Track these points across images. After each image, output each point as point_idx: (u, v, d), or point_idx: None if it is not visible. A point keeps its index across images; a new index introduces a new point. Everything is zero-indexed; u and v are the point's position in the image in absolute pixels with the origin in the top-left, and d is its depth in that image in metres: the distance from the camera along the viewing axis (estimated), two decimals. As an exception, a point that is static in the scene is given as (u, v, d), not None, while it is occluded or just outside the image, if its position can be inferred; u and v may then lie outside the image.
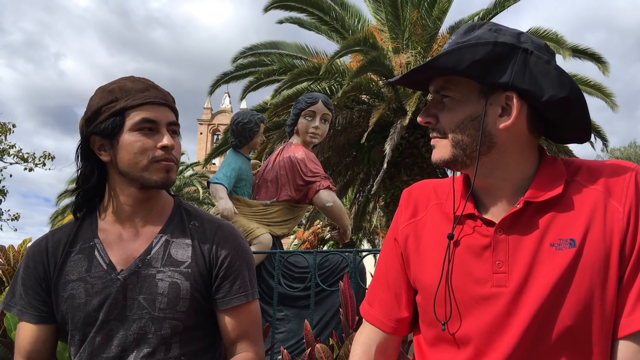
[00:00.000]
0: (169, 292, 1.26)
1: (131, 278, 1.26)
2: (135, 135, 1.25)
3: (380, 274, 1.17)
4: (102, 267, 1.27)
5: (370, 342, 1.14)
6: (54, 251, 1.31)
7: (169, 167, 1.28)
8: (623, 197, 0.93)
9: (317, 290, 2.92)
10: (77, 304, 1.25)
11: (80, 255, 1.30)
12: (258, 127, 3.50)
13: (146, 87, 1.28)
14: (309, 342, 1.65)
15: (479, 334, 0.95)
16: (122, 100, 1.25)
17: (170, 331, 1.26)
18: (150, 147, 1.25)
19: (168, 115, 1.29)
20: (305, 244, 20.27)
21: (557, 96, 0.92)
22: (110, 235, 1.32)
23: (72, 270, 1.28)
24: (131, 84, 1.28)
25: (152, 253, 1.29)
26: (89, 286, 1.26)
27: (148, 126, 1.26)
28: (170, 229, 1.34)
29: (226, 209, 3.10)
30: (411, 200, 1.15)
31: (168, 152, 1.27)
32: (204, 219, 1.39)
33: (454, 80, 0.99)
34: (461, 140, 0.98)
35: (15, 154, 15.46)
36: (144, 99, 1.26)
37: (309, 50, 10.86)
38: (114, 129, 1.25)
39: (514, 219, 0.97)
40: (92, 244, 1.31)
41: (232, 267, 1.33)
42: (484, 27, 0.99)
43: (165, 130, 1.27)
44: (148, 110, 1.26)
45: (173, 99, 1.35)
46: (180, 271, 1.28)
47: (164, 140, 1.26)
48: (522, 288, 0.93)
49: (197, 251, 1.31)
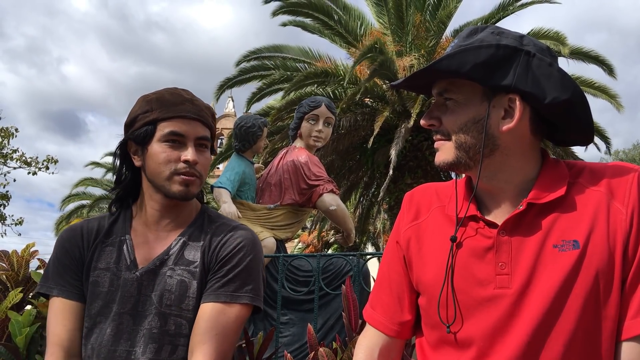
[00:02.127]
0: (176, 289, 1.30)
1: (147, 275, 1.31)
2: (162, 146, 1.30)
3: (382, 277, 1.17)
4: (127, 262, 1.33)
5: (374, 345, 1.14)
6: (88, 237, 1.38)
7: (189, 181, 1.31)
8: (626, 198, 0.93)
9: (321, 294, 2.91)
10: (99, 291, 1.31)
11: (111, 248, 1.36)
12: (261, 131, 3.51)
13: (182, 101, 1.33)
14: (313, 346, 1.65)
15: (482, 336, 0.95)
16: (156, 112, 1.31)
17: (175, 328, 1.28)
18: (174, 160, 1.30)
19: (198, 130, 1.33)
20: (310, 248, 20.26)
21: (560, 98, 0.92)
22: (139, 236, 1.38)
23: (101, 259, 1.35)
24: (169, 96, 1.33)
25: (169, 254, 1.34)
26: (115, 277, 1.31)
27: (175, 139, 1.30)
28: (189, 232, 1.38)
29: (230, 213, 3.11)
30: (413, 203, 1.15)
31: (190, 166, 1.31)
32: (222, 222, 1.42)
33: (457, 83, 0.99)
34: (464, 143, 0.98)
35: (19, 158, 15.51)
36: (175, 113, 1.31)
37: (312, 53, 10.87)
38: (145, 138, 1.31)
39: (516, 220, 0.96)
40: (123, 239, 1.37)
41: (227, 265, 1.32)
42: (487, 30, 1.00)
43: (192, 145, 1.32)
44: (178, 123, 1.31)
45: (211, 114, 1.39)
46: (189, 270, 1.32)
47: (188, 154, 1.30)
48: (525, 290, 0.93)
49: (205, 251, 1.34)
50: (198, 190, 1.36)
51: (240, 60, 10.88)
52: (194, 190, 1.34)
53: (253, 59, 10.98)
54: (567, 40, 9.19)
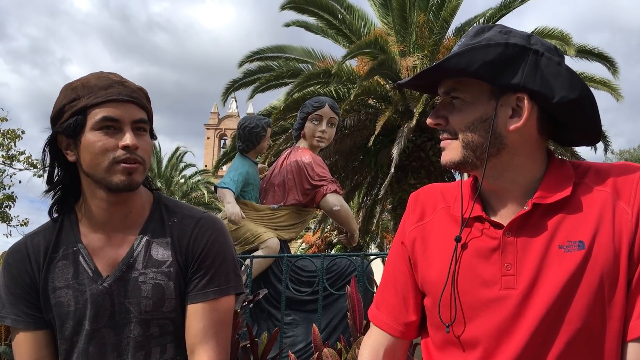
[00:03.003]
0: (153, 294, 1.23)
1: (116, 284, 1.23)
2: (96, 135, 1.17)
3: (388, 277, 1.17)
4: (88, 274, 1.24)
5: (379, 346, 1.14)
6: (35, 257, 1.26)
7: (131, 169, 1.19)
8: (631, 198, 0.92)
9: (325, 295, 2.91)
10: (66, 311, 1.22)
11: (65, 262, 1.25)
12: (265, 132, 3.52)
13: (110, 84, 1.20)
14: (317, 347, 1.64)
15: (487, 336, 0.95)
16: (84, 99, 1.18)
17: (159, 330, 1.24)
18: (112, 147, 1.17)
19: (134, 113, 1.20)
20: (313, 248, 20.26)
21: (568, 97, 0.92)
22: (93, 240, 1.27)
23: (57, 277, 1.24)
24: (95, 80, 1.21)
25: (134, 256, 1.25)
26: (78, 293, 1.22)
27: (110, 124, 1.18)
28: (150, 228, 1.29)
29: (233, 214, 3.11)
30: (418, 204, 1.15)
31: (131, 152, 1.18)
32: (184, 214, 1.33)
33: (464, 82, 0.98)
34: (471, 142, 0.98)
35: (25, 160, 15.57)
36: (105, 97, 1.18)
37: (315, 54, 10.89)
38: (76, 128, 1.18)
39: (522, 221, 0.96)
40: (75, 249, 1.26)
41: (205, 262, 1.27)
42: (494, 29, 0.99)
43: (129, 129, 1.19)
44: (110, 108, 1.18)
45: (144, 94, 1.26)
46: (162, 271, 1.25)
47: (127, 139, 1.17)
48: (530, 290, 0.92)
49: (176, 248, 1.27)
50: (142, 177, 1.23)
51: (244, 61, 10.91)
52: (137, 179, 1.21)
53: (256, 59, 11.00)
54: (572, 40, 9.18)
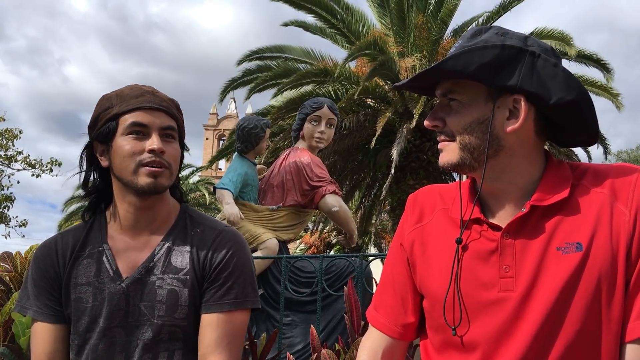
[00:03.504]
0: (167, 299, 1.26)
1: (134, 285, 1.27)
2: (125, 139, 1.25)
3: (386, 279, 1.17)
4: (109, 273, 1.28)
5: (377, 347, 1.14)
6: (63, 253, 1.32)
7: (157, 172, 1.25)
8: (629, 200, 0.92)
9: (324, 295, 2.91)
10: (83, 307, 1.26)
11: (89, 260, 1.31)
12: (264, 132, 3.52)
13: (142, 93, 1.29)
14: (315, 348, 1.65)
15: (486, 339, 0.95)
16: (116, 106, 1.27)
17: (169, 336, 1.26)
18: (139, 151, 1.25)
19: (162, 120, 1.28)
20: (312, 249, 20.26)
21: (565, 99, 0.92)
22: (118, 243, 1.32)
23: (80, 274, 1.29)
24: (128, 90, 1.30)
25: (154, 260, 1.30)
26: (97, 291, 1.27)
27: (139, 129, 1.26)
28: (173, 236, 1.34)
29: (232, 214, 3.11)
30: (417, 206, 1.15)
31: (157, 156, 1.25)
32: (206, 225, 1.38)
33: (461, 84, 0.98)
34: (469, 143, 0.98)
35: (23, 160, 15.55)
36: (136, 104, 1.27)
37: (314, 54, 10.89)
38: (109, 134, 1.27)
39: (520, 223, 0.96)
40: (101, 249, 1.32)
41: (223, 273, 1.30)
42: (491, 30, 0.99)
43: (157, 135, 1.26)
44: (139, 114, 1.26)
45: (175, 105, 1.34)
46: (178, 278, 1.28)
47: (153, 143, 1.24)
48: (529, 292, 0.92)
49: (194, 257, 1.31)
50: (169, 183, 1.29)
51: (242, 60, 10.91)
52: (163, 182, 1.27)
53: (255, 58, 11.00)
54: (572, 41, 9.17)
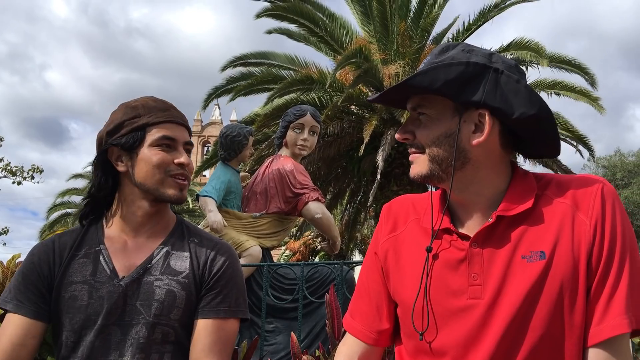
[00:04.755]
0: (165, 298, 1.31)
1: (132, 285, 1.31)
2: (153, 150, 1.33)
3: (361, 287, 1.20)
4: (106, 272, 1.32)
5: (353, 353, 1.17)
6: (60, 252, 1.36)
7: (182, 185, 1.36)
8: (590, 210, 0.97)
9: (307, 302, 2.93)
10: (78, 305, 1.29)
11: (85, 259, 1.34)
12: (247, 140, 3.54)
13: (167, 107, 1.38)
14: (296, 354, 1.67)
15: (455, 345, 0.98)
16: (144, 117, 1.34)
17: (161, 337, 1.30)
18: (168, 162, 1.34)
19: (185, 135, 1.39)
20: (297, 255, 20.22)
21: (527, 113, 0.96)
22: (115, 243, 1.37)
23: (76, 273, 1.33)
24: (153, 103, 1.38)
25: (153, 262, 1.35)
26: (93, 290, 1.30)
27: (167, 143, 1.34)
28: (172, 241, 1.40)
29: (215, 222, 3.12)
30: (391, 215, 1.18)
31: (183, 169, 1.36)
32: (203, 237, 1.45)
33: (429, 99, 1.03)
34: (437, 156, 1.02)
35: (4, 168, 15.37)
36: (165, 118, 1.36)
37: (298, 61, 10.90)
38: (135, 143, 1.33)
39: (487, 232, 1.00)
40: (97, 249, 1.36)
41: (221, 281, 1.36)
42: (457, 47, 1.04)
43: (182, 149, 1.37)
44: (168, 128, 1.35)
45: (187, 120, 1.44)
46: (177, 280, 1.33)
47: (182, 158, 1.35)
48: (496, 299, 0.96)
49: (194, 263, 1.37)
50: (186, 194, 1.39)
51: (226, 66, 10.88)
52: (185, 194, 1.38)
53: (239, 64, 10.97)
54: (545, 52, 9.31)
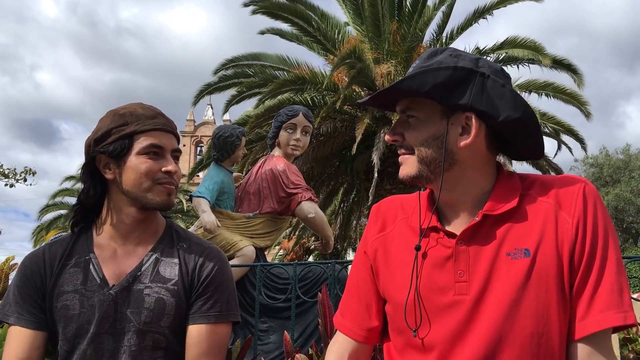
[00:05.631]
0: (154, 306, 1.32)
1: (122, 293, 1.32)
2: (141, 159, 1.34)
3: (351, 285, 1.23)
4: (96, 281, 1.33)
5: (343, 351, 1.20)
6: (50, 262, 1.37)
7: (170, 190, 1.37)
8: (572, 209, 1.00)
9: (300, 302, 2.95)
10: (70, 314, 1.31)
11: (76, 269, 1.35)
12: (240, 141, 3.55)
13: (155, 115, 1.39)
14: (289, 353, 1.69)
15: (442, 340, 1.01)
16: (132, 125, 1.34)
17: (152, 344, 1.31)
18: (155, 170, 1.34)
19: (173, 143, 1.40)
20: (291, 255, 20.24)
21: (512, 117, 1.00)
22: (105, 251, 1.38)
23: (67, 282, 1.34)
24: (141, 110, 1.38)
25: (142, 269, 1.36)
26: (84, 299, 1.31)
27: (155, 151, 1.35)
28: (161, 248, 1.40)
29: (209, 222, 3.14)
30: (380, 215, 1.21)
31: (171, 177, 1.36)
32: (192, 241, 1.45)
33: (418, 102, 1.05)
34: (426, 157, 1.05)
35: (-5, 170, 15.29)
36: (152, 125, 1.36)
37: (290, 61, 10.93)
38: (122, 151, 1.34)
39: (473, 231, 1.03)
40: (87, 258, 1.36)
41: (210, 286, 1.37)
42: (445, 52, 1.07)
43: (170, 157, 1.38)
44: (156, 136, 1.36)
45: (176, 127, 1.45)
46: (167, 288, 1.34)
47: (169, 166, 1.36)
48: (481, 296, 0.99)
49: (182, 270, 1.37)
50: (174, 199, 1.40)
51: (219, 69, 10.90)
52: (173, 200, 1.39)
53: (232, 66, 11.00)
54: (545, 50, 9.39)
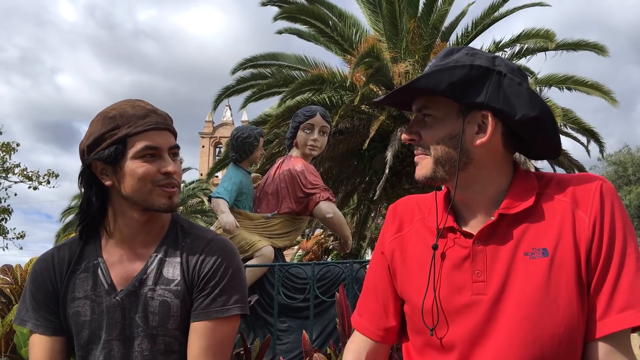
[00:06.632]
0: (159, 310, 1.29)
1: (128, 298, 1.30)
2: (137, 162, 1.27)
3: (368, 285, 1.23)
4: (104, 287, 1.31)
5: (361, 350, 1.20)
6: (59, 267, 1.34)
7: (171, 193, 1.30)
8: (589, 207, 0.99)
9: (319, 302, 2.96)
10: (82, 321, 1.30)
11: (86, 274, 1.33)
12: (258, 141, 3.57)
13: (146, 113, 1.30)
14: (307, 352, 1.70)
15: (462, 340, 1.01)
16: (123, 128, 1.27)
17: (164, 347, 1.29)
18: (153, 173, 1.28)
19: (169, 140, 1.32)
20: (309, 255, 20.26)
21: (529, 115, 0.99)
22: (112, 255, 1.34)
23: (78, 288, 1.32)
24: (132, 109, 1.30)
25: (147, 272, 1.32)
26: (95, 304, 1.30)
27: (151, 152, 1.28)
28: (165, 247, 1.36)
29: (228, 223, 3.16)
30: (397, 216, 1.21)
31: (170, 177, 1.30)
32: (196, 235, 1.39)
33: (434, 100, 1.05)
34: (442, 156, 1.05)
35: (20, 173, 15.57)
36: (145, 126, 1.28)
37: (308, 61, 10.96)
38: (117, 156, 1.27)
39: (490, 230, 1.02)
40: (95, 263, 1.34)
41: (211, 282, 1.32)
42: (462, 51, 1.06)
43: (167, 156, 1.30)
44: (150, 137, 1.28)
45: (171, 120, 1.36)
46: (170, 289, 1.31)
47: (168, 167, 1.29)
48: (500, 296, 0.98)
49: (184, 268, 1.33)
50: (178, 200, 1.34)
51: (237, 68, 10.97)
52: (176, 201, 1.33)
53: (249, 66, 11.07)
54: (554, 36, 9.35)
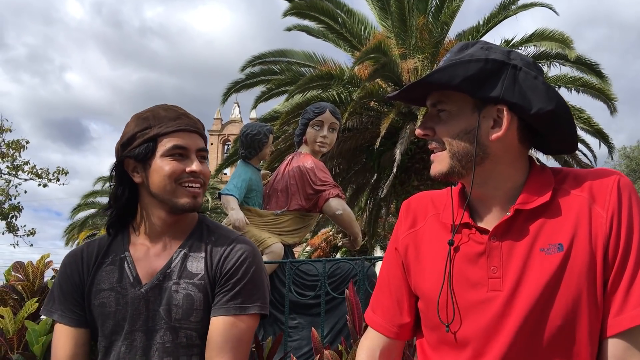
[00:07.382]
0: (183, 303, 1.33)
1: (152, 291, 1.35)
2: (165, 161, 1.34)
3: (382, 282, 1.22)
4: (130, 279, 1.37)
5: (375, 346, 1.19)
6: (87, 260, 1.41)
7: (196, 192, 1.36)
8: (606, 203, 0.98)
9: (329, 298, 2.95)
10: (107, 312, 1.35)
11: (112, 267, 1.39)
12: (267, 138, 3.57)
13: (178, 116, 1.38)
14: (318, 349, 1.70)
15: (476, 336, 1.00)
16: (155, 128, 1.35)
17: (186, 340, 1.33)
18: (179, 171, 1.34)
19: (198, 142, 1.39)
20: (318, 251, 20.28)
21: (545, 109, 0.97)
22: (139, 250, 1.41)
23: (104, 280, 1.38)
24: (164, 112, 1.38)
25: (172, 266, 1.38)
26: (120, 296, 1.35)
27: (179, 152, 1.35)
28: (190, 243, 1.41)
29: (237, 220, 3.16)
30: (410, 212, 1.20)
31: (196, 177, 1.36)
32: (221, 234, 1.44)
33: (449, 95, 1.04)
34: (457, 152, 1.03)
35: (30, 170, 15.66)
36: (175, 127, 1.35)
37: (317, 58, 10.95)
38: (147, 154, 1.35)
39: (506, 226, 1.01)
40: (122, 257, 1.40)
41: (232, 279, 1.36)
42: (476, 45, 1.05)
43: (195, 157, 1.37)
44: (179, 137, 1.35)
45: (203, 126, 1.44)
46: (194, 283, 1.35)
47: (193, 165, 1.35)
48: (515, 292, 0.97)
49: (208, 263, 1.37)
50: (202, 200, 1.40)
51: (246, 65, 10.98)
52: (200, 201, 1.38)
53: (258, 63, 11.06)
54: (572, 43, 9.19)
